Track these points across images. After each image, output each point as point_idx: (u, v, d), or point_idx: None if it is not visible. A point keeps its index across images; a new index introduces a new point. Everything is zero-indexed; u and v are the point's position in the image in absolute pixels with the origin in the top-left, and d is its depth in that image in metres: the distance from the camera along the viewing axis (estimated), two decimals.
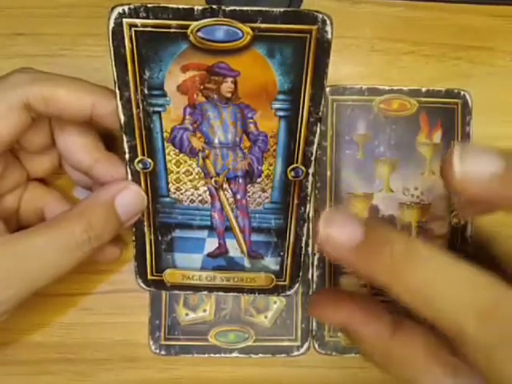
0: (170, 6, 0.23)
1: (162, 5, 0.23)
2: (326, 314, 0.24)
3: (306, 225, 0.28)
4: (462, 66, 0.34)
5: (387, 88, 0.33)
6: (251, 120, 0.26)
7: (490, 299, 0.18)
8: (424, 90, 0.33)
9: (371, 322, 0.23)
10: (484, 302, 0.18)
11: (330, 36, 0.23)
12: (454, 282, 0.19)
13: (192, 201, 0.28)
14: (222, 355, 0.33)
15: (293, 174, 0.27)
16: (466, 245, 0.33)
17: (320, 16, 0.23)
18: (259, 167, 0.27)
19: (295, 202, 0.28)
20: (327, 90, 0.33)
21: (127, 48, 0.24)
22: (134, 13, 0.23)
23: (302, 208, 0.28)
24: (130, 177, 0.27)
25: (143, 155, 0.27)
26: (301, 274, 0.30)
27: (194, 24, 0.23)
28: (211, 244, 0.29)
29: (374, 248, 0.20)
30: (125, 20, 0.23)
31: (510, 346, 0.18)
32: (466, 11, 0.34)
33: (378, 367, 0.23)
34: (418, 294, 0.19)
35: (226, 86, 0.25)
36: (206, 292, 0.30)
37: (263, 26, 0.23)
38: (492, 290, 0.19)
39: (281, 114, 0.25)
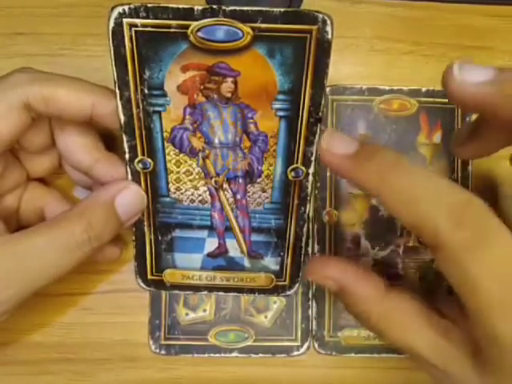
0: (170, 5, 0.23)
1: (162, 5, 0.23)
2: (322, 272, 0.25)
3: (305, 225, 0.28)
4: None
5: (387, 88, 0.33)
6: (251, 120, 0.26)
7: (463, 200, 0.20)
8: (424, 90, 0.33)
9: (366, 280, 0.24)
10: (456, 201, 0.20)
11: (330, 36, 0.23)
12: (432, 187, 0.21)
13: (192, 201, 0.28)
14: (222, 355, 0.33)
15: (293, 174, 0.27)
16: None
17: (320, 16, 0.23)
18: (259, 167, 0.27)
19: (295, 202, 0.28)
20: (327, 89, 0.33)
21: (127, 48, 0.24)
22: (134, 13, 0.23)
23: (302, 208, 0.28)
24: (129, 177, 0.27)
25: (143, 155, 0.27)
26: (301, 274, 0.30)
27: (194, 24, 0.23)
28: (211, 244, 0.29)
29: (365, 156, 0.22)
30: (125, 20, 0.23)
31: (480, 246, 0.20)
32: (465, 11, 0.34)
33: (374, 332, 0.25)
34: (401, 197, 0.21)
35: (226, 86, 0.25)
36: (205, 292, 0.30)
37: (263, 26, 0.23)
38: (464, 193, 0.21)
39: (281, 114, 0.25)
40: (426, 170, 0.21)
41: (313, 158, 0.26)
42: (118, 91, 0.25)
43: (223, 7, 0.23)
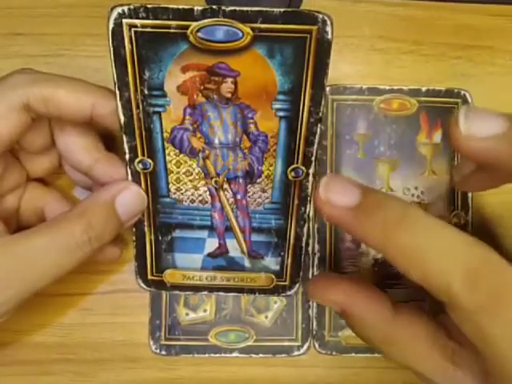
0: (170, 6, 0.22)
1: (161, 5, 0.22)
2: (327, 295, 0.24)
3: (306, 225, 0.28)
4: (462, 66, 0.34)
5: (387, 88, 0.33)
6: (251, 120, 0.26)
7: (477, 258, 0.19)
8: (424, 89, 0.33)
9: (372, 304, 0.23)
10: (472, 260, 0.19)
11: (330, 36, 0.23)
12: (443, 243, 0.19)
13: (192, 201, 0.28)
14: (223, 355, 0.33)
15: (293, 174, 0.27)
16: None
17: (320, 16, 0.23)
18: (259, 167, 0.27)
19: (295, 202, 0.28)
20: (327, 89, 0.33)
21: (127, 48, 0.24)
22: (134, 13, 0.23)
23: (303, 208, 0.28)
24: (130, 177, 0.27)
25: (143, 155, 0.27)
26: (301, 274, 0.30)
27: (193, 24, 0.23)
28: (211, 244, 0.29)
29: (369, 210, 0.20)
30: (124, 20, 0.23)
31: (496, 308, 0.18)
32: (465, 10, 0.34)
33: (378, 351, 0.23)
34: (408, 254, 0.19)
35: (226, 87, 0.25)
36: (206, 292, 0.30)
37: (263, 26, 0.23)
38: (480, 250, 0.19)
39: (281, 114, 0.25)
40: (437, 222, 0.20)
41: (313, 158, 0.26)
42: (117, 92, 0.25)
43: (223, 7, 0.22)
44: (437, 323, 0.23)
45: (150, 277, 0.30)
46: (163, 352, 0.33)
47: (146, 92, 0.25)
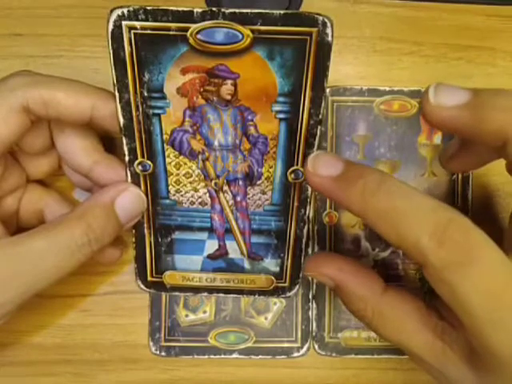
0: (170, 8, 0.22)
1: (161, 7, 0.22)
2: (319, 269, 0.25)
3: (306, 227, 0.28)
4: (463, 67, 0.34)
5: (387, 89, 0.33)
6: (251, 122, 0.26)
7: (444, 217, 0.20)
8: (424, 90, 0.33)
9: (362, 279, 0.25)
10: (439, 219, 0.20)
11: (330, 38, 0.23)
12: (414, 205, 0.21)
13: (192, 203, 0.28)
14: (222, 356, 0.33)
15: (293, 176, 0.27)
16: None
17: (320, 18, 0.22)
18: (259, 169, 0.27)
19: (295, 204, 0.28)
20: (327, 90, 0.32)
21: (126, 50, 0.23)
22: (134, 15, 0.23)
23: (302, 210, 0.28)
24: (129, 179, 0.27)
25: (143, 157, 0.26)
26: (301, 275, 0.30)
27: (193, 26, 0.23)
28: (211, 246, 0.29)
29: (350, 179, 0.22)
30: (124, 22, 0.23)
31: (464, 264, 0.20)
32: (466, 11, 0.34)
33: (370, 329, 0.25)
34: (385, 217, 0.21)
35: (226, 89, 0.25)
36: (205, 293, 0.30)
37: (263, 28, 0.23)
38: (447, 211, 0.21)
39: (281, 116, 0.25)
40: (410, 189, 0.21)
41: None
42: (117, 94, 0.25)
43: (223, 9, 0.22)
44: (429, 306, 0.24)
45: (149, 278, 0.30)
46: (163, 353, 0.33)
47: (146, 94, 0.25)
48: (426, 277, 0.21)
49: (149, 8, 0.23)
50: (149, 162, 0.27)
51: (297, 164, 0.26)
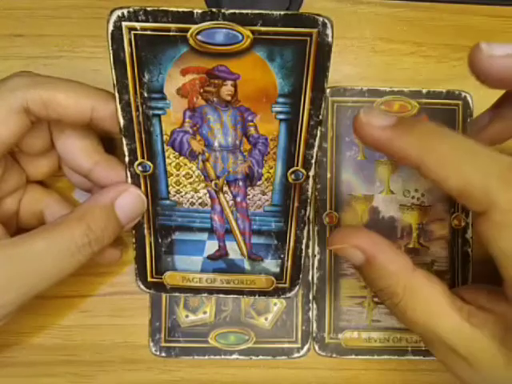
0: (170, 9, 0.22)
1: (161, 8, 0.22)
2: (352, 240, 0.24)
3: (306, 227, 0.28)
4: (463, 67, 0.34)
5: (388, 89, 0.33)
6: (251, 123, 0.26)
7: (508, 161, 0.20)
8: (425, 91, 0.33)
9: (396, 254, 0.24)
10: (504, 162, 0.20)
11: (330, 39, 0.23)
12: (478, 151, 0.21)
13: (192, 203, 0.28)
14: (223, 357, 0.33)
15: (293, 176, 0.27)
16: (466, 246, 0.33)
17: (320, 19, 0.22)
18: (259, 170, 0.27)
19: (295, 204, 0.27)
20: (327, 91, 0.32)
21: (126, 51, 0.23)
22: (134, 16, 0.23)
23: (303, 211, 0.28)
24: (129, 180, 0.27)
25: (143, 158, 0.26)
26: (301, 276, 0.30)
27: (193, 27, 0.23)
28: (211, 246, 0.29)
29: (406, 125, 0.22)
30: (124, 23, 0.23)
31: None
32: (466, 12, 0.34)
33: (394, 310, 0.24)
34: (446, 161, 0.21)
35: (226, 89, 0.25)
36: (205, 294, 0.30)
37: (263, 29, 0.23)
38: (506, 158, 0.21)
39: (281, 117, 0.25)
40: (467, 137, 0.21)
41: (313, 161, 0.26)
42: (117, 95, 0.25)
43: (223, 10, 0.22)
44: (452, 289, 0.24)
45: (149, 279, 0.30)
46: (163, 354, 0.33)
47: (146, 95, 0.25)
48: (483, 224, 0.21)
49: (149, 9, 0.22)
50: (149, 163, 0.27)
51: (297, 165, 0.26)
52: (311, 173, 0.26)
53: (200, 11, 0.22)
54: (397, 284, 0.23)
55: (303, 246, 0.29)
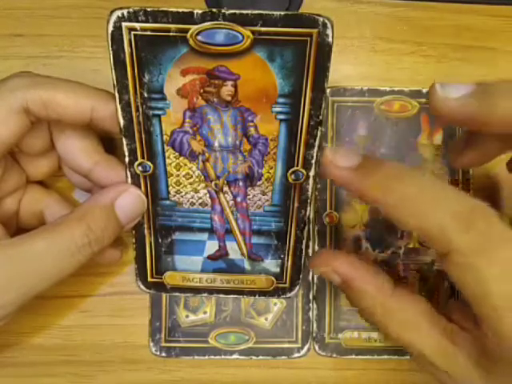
0: (170, 9, 0.22)
1: (161, 8, 0.22)
2: (331, 264, 0.25)
3: (306, 227, 0.28)
4: (463, 67, 0.34)
5: (388, 89, 0.33)
6: (251, 123, 0.26)
7: (468, 204, 0.21)
8: (425, 90, 0.33)
9: (374, 276, 0.25)
10: (463, 205, 0.21)
11: (330, 39, 0.23)
12: (439, 195, 0.21)
13: (192, 203, 0.28)
14: (223, 357, 0.33)
15: (293, 177, 0.27)
16: None
17: (321, 19, 0.22)
18: (259, 170, 0.27)
19: (295, 204, 0.27)
20: (327, 91, 0.32)
21: (126, 52, 0.23)
22: (134, 16, 0.23)
23: (303, 211, 0.28)
24: (129, 180, 0.27)
25: (143, 158, 0.26)
26: (301, 276, 0.30)
27: (193, 28, 0.23)
28: (211, 246, 0.29)
29: (369, 168, 0.23)
30: (124, 24, 0.23)
31: (489, 249, 0.20)
32: (467, 11, 0.34)
33: (377, 327, 0.25)
34: (407, 206, 0.21)
35: (226, 90, 0.25)
36: (206, 294, 0.30)
37: (263, 29, 0.23)
38: (471, 199, 0.21)
39: (281, 117, 0.25)
40: (431, 178, 0.22)
41: (313, 161, 0.26)
42: (117, 95, 0.25)
43: (223, 11, 0.22)
44: (435, 307, 0.24)
45: (149, 279, 0.30)
46: (163, 354, 0.33)
47: (146, 95, 0.25)
48: (447, 265, 0.21)
49: (149, 9, 0.22)
50: (149, 163, 0.27)
51: (297, 165, 0.26)
52: (311, 173, 0.26)
53: (200, 11, 0.22)
54: (374, 306, 0.24)
55: (303, 246, 0.29)
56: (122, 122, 0.25)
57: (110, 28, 0.23)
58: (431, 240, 0.21)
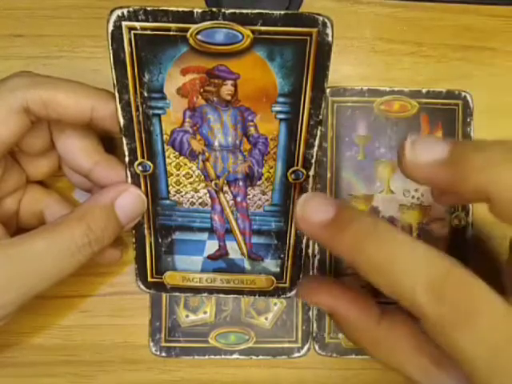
0: (170, 8, 0.22)
1: (161, 8, 0.22)
2: (314, 298, 0.24)
3: None
4: (463, 67, 0.34)
5: (388, 89, 0.33)
6: (251, 123, 0.26)
7: (440, 271, 0.19)
8: (425, 90, 0.33)
9: (358, 308, 0.23)
10: (434, 273, 0.19)
11: (330, 39, 0.23)
12: (410, 257, 0.20)
13: (192, 203, 0.28)
14: (223, 357, 0.33)
15: (293, 176, 0.27)
16: (466, 246, 0.33)
17: (320, 19, 0.22)
18: (259, 170, 0.27)
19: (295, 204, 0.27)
20: (327, 91, 0.32)
21: (126, 51, 0.23)
22: (134, 16, 0.23)
23: None
24: (129, 179, 0.27)
25: (143, 158, 0.26)
26: (301, 276, 0.30)
27: (193, 27, 0.23)
28: (211, 246, 0.29)
29: (341, 225, 0.21)
30: (124, 23, 0.23)
31: (464, 322, 0.19)
32: (466, 11, 0.34)
33: (366, 353, 0.24)
34: (376, 267, 0.20)
35: (226, 89, 0.25)
36: (206, 294, 0.30)
37: (263, 28, 0.23)
38: (443, 262, 0.19)
39: (281, 116, 0.25)
40: (405, 237, 0.20)
41: (313, 161, 0.26)
42: (117, 94, 0.25)
43: (223, 10, 0.22)
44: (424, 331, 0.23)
45: (149, 279, 0.30)
46: (163, 354, 0.33)
47: (146, 94, 0.25)
48: (424, 328, 0.20)
49: (149, 8, 0.22)
50: (149, 163, 0.27)
51: (297, 165, 0.26)
52: (311, 172, 0.26)
53: (200, 11, 0.22)
54: (359, 338, 0.24)
55: (303, 246, 0.29)
56: (122, 121, 0.25)
57: (110, 27, 0.23)
58: (403, 305, 0.20)
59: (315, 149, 0.26)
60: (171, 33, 0.23)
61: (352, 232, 0.21)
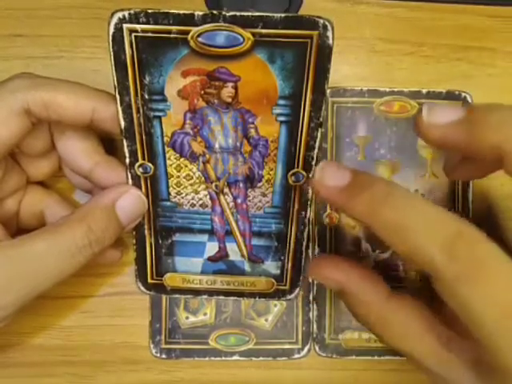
0: (171, 11, 0.22)
1: (162, 10, 0.22)
2: (324, 273, 0.25)
3: (306, 229, 0.28)
4: (463, 67, 0.34)
5: (388, 90, 0.33)
6: (252, 125, 0.26)
7: (453, 230, 0.20)
8: (425, 91, 0.33)
9: (368, 284, 0.24)
10: (448, 232, 0.20)
11: (330, 41, 0.23)
12: (425, 218, 0.21)
13: (192, 205, 0.28)
14: (223, 358, 0.33)
15: (293, 178, 0.27)
16: None
17: (321, 21, 0.22)
18: (260, 172, 0.27)
19: (296, 206, 0.28)
20: (327, 92, 0.32)
21: (127, 53, 0.23)
22: (135, 18, 0.23)
23: (303, 212, 0.28)
24: (130, 181, 0.27)
25: (144, 159, 0.26)
26: (301, 278, 0.30)
27: (194, 29, 0.23)
28: (211, 248, 0.29)
29: (357, 189, 0.22)
30: (125, 25, 0.23)
31: (474, 277, 0.19)
32: (466, 12, 0.34)
33: (374, 334, 0.25)
34: (393, 229, 0.21)
35: (227, 91, 0.25)
36: (206, 296, 0.30)
37: (264, 31, 0.23)
38: (456, 222, 0.20)
39: (281, 118, 0.25)
40: (419, 200, 0.21)
41: (313, 163, 0.26)
42: (118, 96, 0.25)
43: (223, 13, 0.22)
44: (434, 312, 0.24)
45: (150, 280, 0.30)
46: (163, 356, 0.33)
47: (147, 96, 0.25)
48: (437, 289, 0.21)
49: (150, 11, 0.22)
50: (149, 164, 0.27)
51: (297, 167, 0.26)
52: (311, 174, 0.26)
53: (201, 13, 0.22)
54: (368, 314, 0.24)
55: (303, 248, 0.29)
56: (122, 123, 0.25)
57: (111, 29, 0.23)
58: (417, 265, 0.21)
59: (315, 151, 0.26)
60: (172, 35, 0.23)
61: (368, 196, 0.21)
